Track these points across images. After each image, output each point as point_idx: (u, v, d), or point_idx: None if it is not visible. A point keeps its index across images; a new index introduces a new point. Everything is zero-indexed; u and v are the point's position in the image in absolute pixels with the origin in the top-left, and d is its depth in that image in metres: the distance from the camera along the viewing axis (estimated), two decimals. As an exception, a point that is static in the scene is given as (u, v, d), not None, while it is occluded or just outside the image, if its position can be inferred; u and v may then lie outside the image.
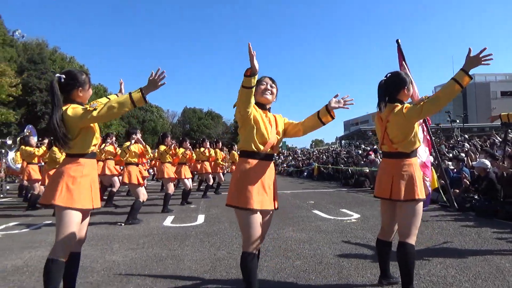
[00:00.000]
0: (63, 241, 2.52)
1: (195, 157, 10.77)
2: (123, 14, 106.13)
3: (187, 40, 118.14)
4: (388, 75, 3.08)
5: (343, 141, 51.74)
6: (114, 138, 9.46)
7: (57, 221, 2.57)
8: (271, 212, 2.81)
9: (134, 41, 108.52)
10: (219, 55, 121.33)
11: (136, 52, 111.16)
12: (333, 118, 2.78)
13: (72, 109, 2.60)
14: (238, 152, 2.99)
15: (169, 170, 8.26)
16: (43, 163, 9.40)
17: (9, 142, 12.90)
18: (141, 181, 6.89)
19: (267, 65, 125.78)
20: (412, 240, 2.83)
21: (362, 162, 15.30)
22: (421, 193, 2.85)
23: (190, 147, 9.67)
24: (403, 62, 4.68)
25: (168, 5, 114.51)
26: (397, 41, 4.90)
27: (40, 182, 8.77)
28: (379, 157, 13.65)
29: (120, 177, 8.68)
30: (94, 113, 2.54)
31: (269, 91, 2.78)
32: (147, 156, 7.72)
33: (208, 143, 11.49)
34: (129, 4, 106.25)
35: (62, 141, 2.54)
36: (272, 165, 2.78)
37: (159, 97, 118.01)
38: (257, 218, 2.61)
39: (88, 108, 2.56)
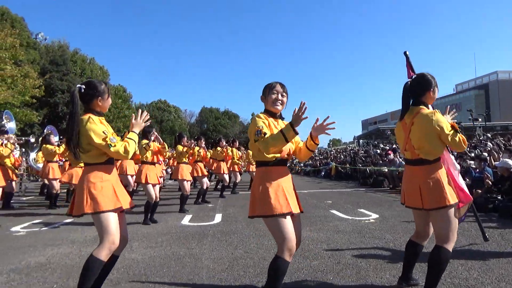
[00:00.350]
0: (108, 242, 2.62)
1: (209, 155, 10.80)
2: (124, 14, 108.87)
3: (203, 40, 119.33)
4: (413, 77, 3.02)
5: (361, 141, 51.08)
6: None
7: (97, 227, 2.68)
8: (297, 214, 2.74)
9: (135, 40, 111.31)
10: (238, 55, 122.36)
11: (139, 51, 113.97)
12: (316, 144, 2.74)
13: (93, 129, 2.65)
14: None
15: (184, 171, 8.17)
16: (62, 162, 9.61)
17: (32, 140, 13.27)
18: (151, 180, 6.71)
19: (268, 65, 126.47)
20: (449, 246, 2.74)
21: (381, 162, 15.08)
22: (451, 198, 2.73)
23: (204, 146, 9.74)
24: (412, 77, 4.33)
25: (172, 6, 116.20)
26: (405, 53, 4.42)
27: (57, 180, 9.01)
28: (398, 156, 13.42)
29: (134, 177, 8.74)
30: (112, 149, 2.66)
31: (280, 101, 2.75)
32: (164, 154, 7.74)
33: (224, 142, 11.51)
34: (130, 4, 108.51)
35: (74, 153, 2.70)
36: (287, 169, 2.76)
37: (177, 97, 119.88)
38: (287, 222, 2.56)
39: (108, 142, 2.65)
